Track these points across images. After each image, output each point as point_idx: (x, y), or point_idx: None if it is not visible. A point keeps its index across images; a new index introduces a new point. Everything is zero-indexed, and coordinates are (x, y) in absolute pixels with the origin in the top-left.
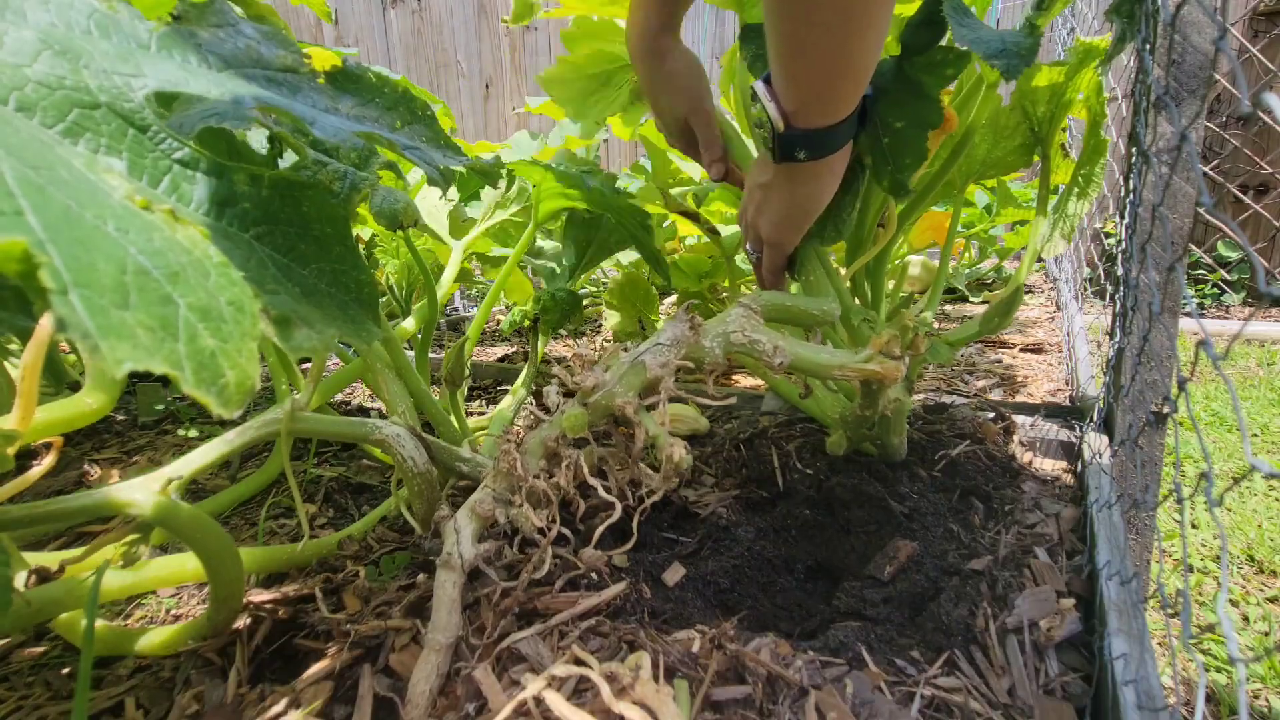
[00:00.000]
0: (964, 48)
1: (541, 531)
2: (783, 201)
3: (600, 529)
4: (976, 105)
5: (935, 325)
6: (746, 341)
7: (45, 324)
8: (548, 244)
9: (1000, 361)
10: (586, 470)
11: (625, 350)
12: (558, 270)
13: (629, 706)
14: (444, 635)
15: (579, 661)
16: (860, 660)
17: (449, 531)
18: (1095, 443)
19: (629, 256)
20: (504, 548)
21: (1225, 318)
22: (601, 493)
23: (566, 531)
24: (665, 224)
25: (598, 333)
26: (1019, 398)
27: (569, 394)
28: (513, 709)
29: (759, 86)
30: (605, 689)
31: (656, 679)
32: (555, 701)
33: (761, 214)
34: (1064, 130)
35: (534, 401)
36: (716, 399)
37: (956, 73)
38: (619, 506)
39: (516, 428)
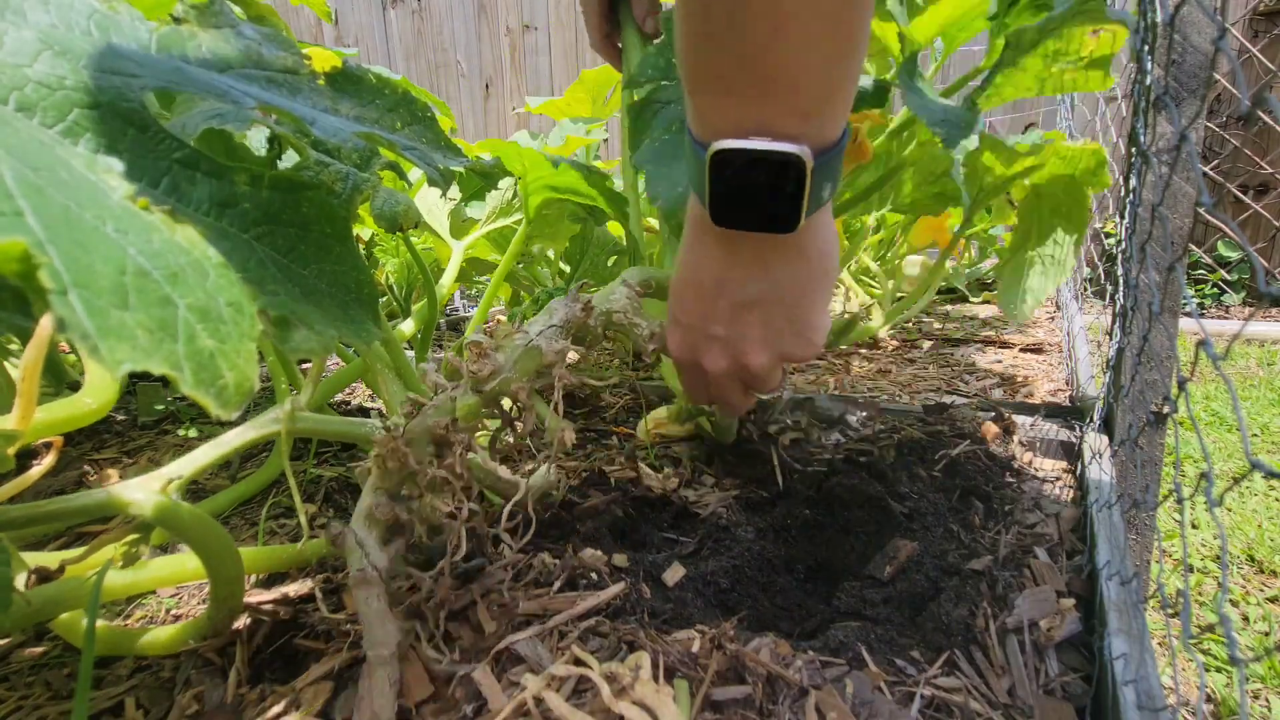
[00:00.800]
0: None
1: (452, 515)
2: (808, 284)
3: (507, 509)
4: (912, 144)
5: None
6: (627, 322)
7: (45, 324)
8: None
9: (1000, 361)
10: (486, 453)
11: (519, 331)
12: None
13: (629, 706)
14: (385, 648)
15: (578, 662)
16: (860, 660)
17: (351, 546)
18: (1095, 443)
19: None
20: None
21: (1225, 318)
22: (504, 472)
23: (476, 507)
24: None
25: None
26: (1019, 398)
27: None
28: (512, 709)
29: (731, 143)
30: (605, 689)
31: (656, 679)
32: (555, 702)
33: (750, 333)
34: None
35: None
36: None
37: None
38: (523, 486)
39: (396, 422)
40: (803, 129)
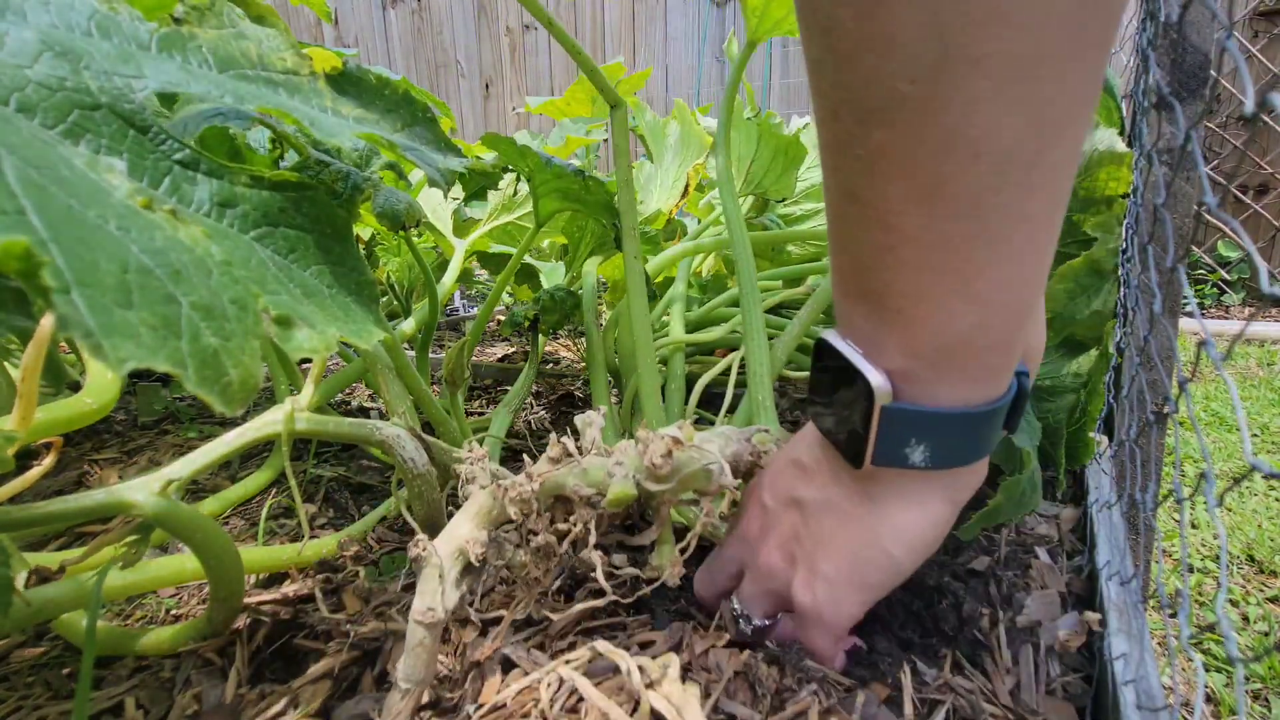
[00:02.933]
0: None
1: (537, 579)
2: (857, 540)
3: (580, 606)
4: None
5: None
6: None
7: (45, 324)
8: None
9: None
10: (593, 540)
11: (696, 447)
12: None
13: (658, 698)
14: (420, 686)
15: (601, 656)
16: (866, 659)
17: (431, 577)
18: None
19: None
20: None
21: (1225, 318)
22: (600, 578)
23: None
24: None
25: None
26: None
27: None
28: (526, 684)
29: (833, 339)
30: (636, 677)
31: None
32: (583, 685)
33: (805, 557)
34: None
35: (560, 434)
36: None
37: None
38: (609, 591)
39: (518, 440)
40: (905, 369)
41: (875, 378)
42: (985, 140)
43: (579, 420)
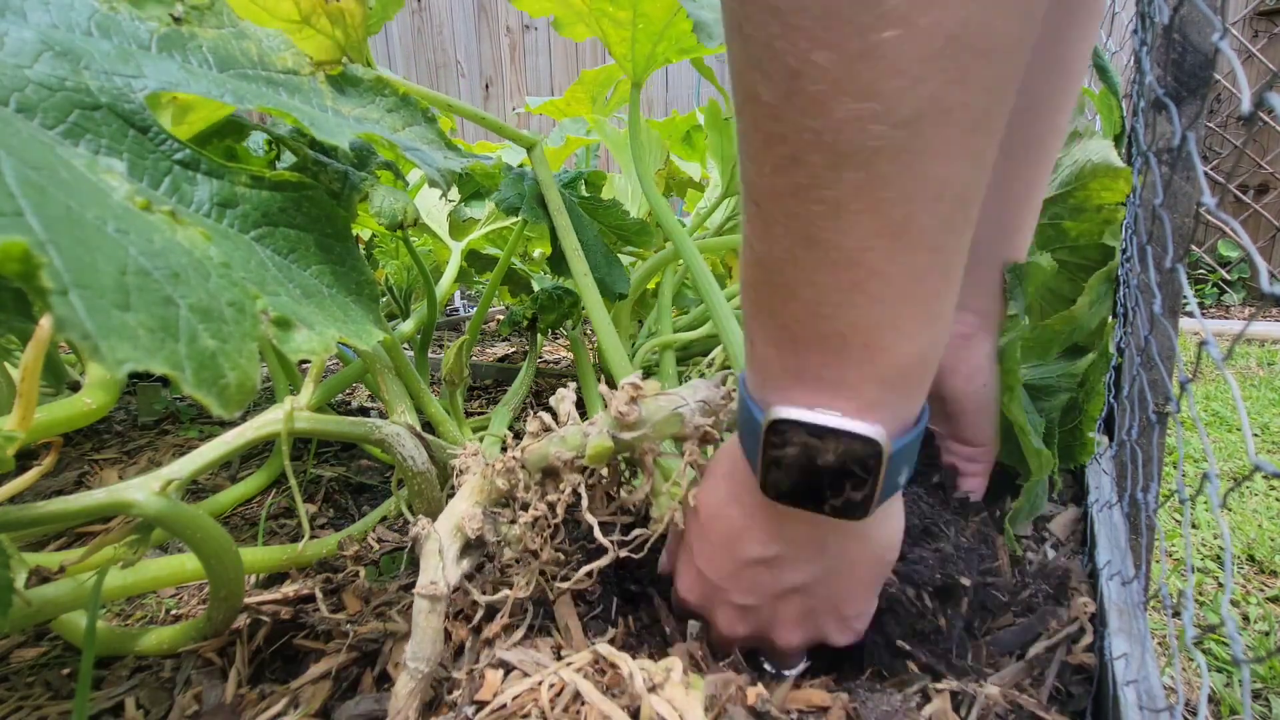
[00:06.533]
0: None
1: (534, 553)
2: (868, 574)
3: (586, 568)
4: None
5: None
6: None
7: (45, 325)
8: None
9: None
10: (587, 503)
11: (666, 394)
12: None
13: (660, 702)
14: (427, 665)
15: (601, 658)
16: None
17: (431, 553)
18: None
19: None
20: (485, 564)
21: (1225, 317)
22: (598, 534)
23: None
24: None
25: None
26: None
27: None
28: (527, 688)
29: (794, 414)
30: (639, 679)
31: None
32: (585, 688)
33: (826, 611)
34: None
35: (541, 410)
36: None
37: None
38: (612, 551)
39: (519, 441)
40: (879, 402)
41: (870, 430)
42: (948, 183)
43: (553, 399)
